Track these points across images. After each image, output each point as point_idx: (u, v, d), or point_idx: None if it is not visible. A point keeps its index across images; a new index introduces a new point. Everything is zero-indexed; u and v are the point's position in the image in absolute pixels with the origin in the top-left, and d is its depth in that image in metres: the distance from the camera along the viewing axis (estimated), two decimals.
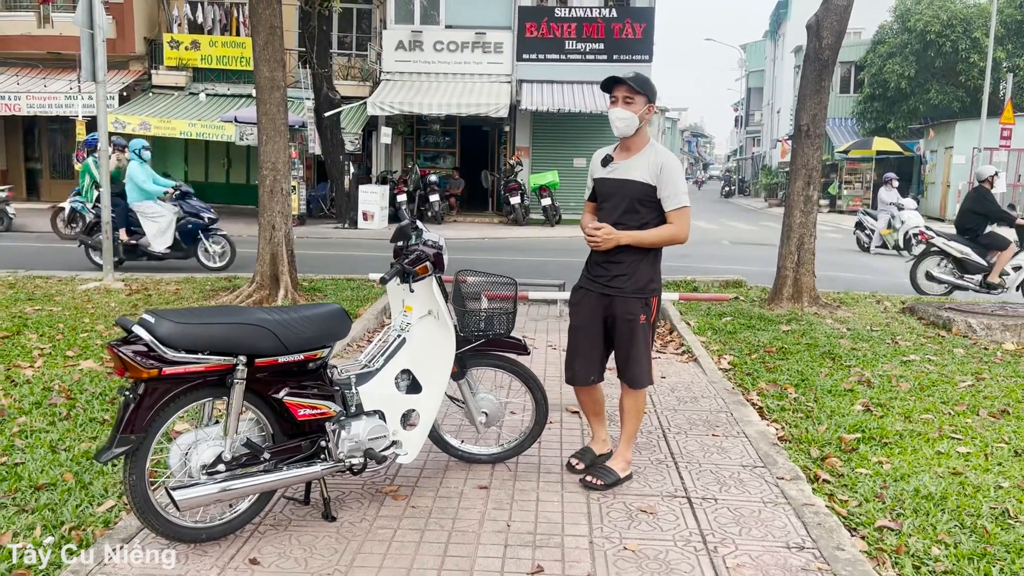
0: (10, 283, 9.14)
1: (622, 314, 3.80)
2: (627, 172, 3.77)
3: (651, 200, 3.75)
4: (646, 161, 3.76)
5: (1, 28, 21.76)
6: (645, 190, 3.73)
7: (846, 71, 34.37)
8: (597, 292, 3.86)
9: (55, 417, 4.67)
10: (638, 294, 3.80)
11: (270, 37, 8.12)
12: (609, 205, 3.82)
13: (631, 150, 3.82)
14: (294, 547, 3.20)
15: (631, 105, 3.72)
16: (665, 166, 3.73)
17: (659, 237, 3.75)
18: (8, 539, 3.23)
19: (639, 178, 3.74)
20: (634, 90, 3.70)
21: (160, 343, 2.91)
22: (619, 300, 3.80)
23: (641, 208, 3.75)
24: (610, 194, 3.82)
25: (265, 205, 8.33)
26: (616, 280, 3.79)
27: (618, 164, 3.82)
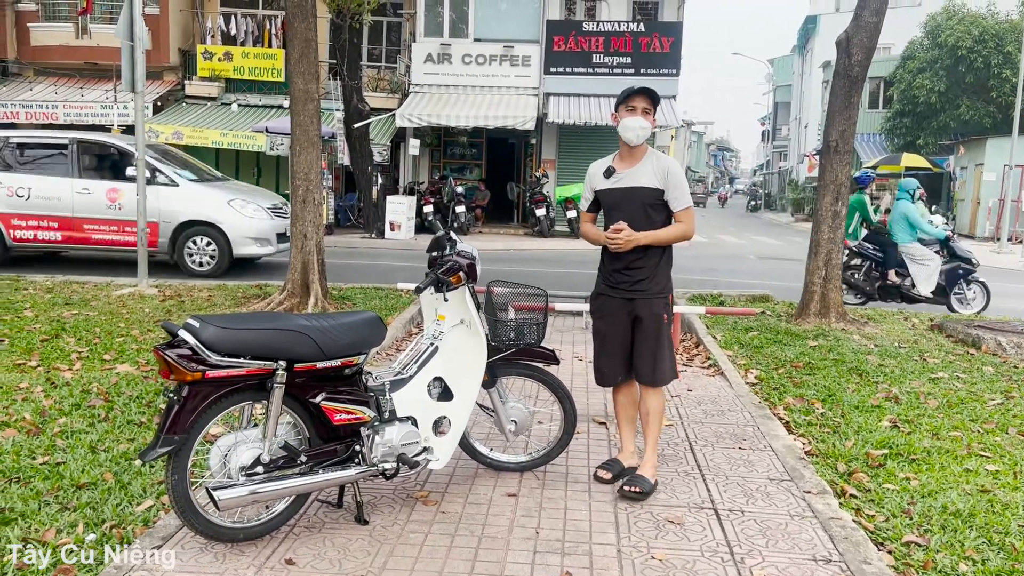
0: (48, 287, 9.34)
1: (648, 315, 3.97)
2: (635, 180, 3.95)
3: (660, 203, 3.95)
4: (651, 167, 3.95)
5: (40, 39, 22.24)
6: (655, 194, 3.93)
7: (875, 87, 34.18)
8: (620, 297, 4.01)
9: (94, 419, 4.79)
10: (661, 294, 4.00)
11: (305, 50, 8.27)
12: (618, 213, 3.97)
13: (634, 159, 4.01)
14: (328, 549, 3.27)
15: (649, 116, 3.94)
16: (671, 170, 3.95)
17: (673, 235, 3.95)
18: (52, 535, 3.33)
19: (648, 184, 3.93)
20: (654, 103, 3.95)
21: (204, 347, 3.01)
22: (643, 302, 3.97)
23: (651, 212, 3.94)
24: (618, 203, 3.98)
25: (297, 214, 8.46)
26: (640, 284, 3.96)
27: (622, 173, 4.00)
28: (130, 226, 10.78)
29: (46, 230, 11.24)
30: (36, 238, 11.29)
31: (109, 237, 11.27)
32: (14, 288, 9.22)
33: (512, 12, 22.16)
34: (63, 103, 21.13)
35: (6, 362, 6.03)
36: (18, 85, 22.23)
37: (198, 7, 23.03)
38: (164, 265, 11.65)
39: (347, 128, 19.39)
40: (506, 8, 22.18)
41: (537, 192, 20.69)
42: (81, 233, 11.29)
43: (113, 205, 11.15)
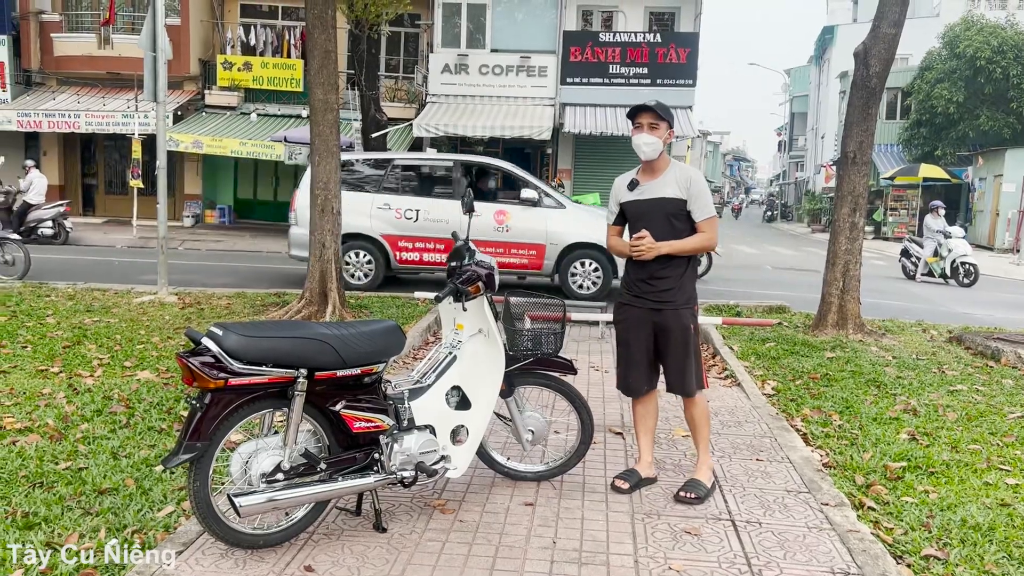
0: (70, 295, 9.45)
1: (676, 326, 4.01)
2: (658, 191, 4.02)
3: (683, 213, 4.00)
4: (674, 178, 4.02)
5: (64, 49, 22.54)
6: (678, 204, 3.98)
7: (892, 97, 34.01)
8: (645, 308, 4.04)
9: (116, 425, 4.85)
10: (687, 304, 4.04)
11: (324, 61, 8.35)
12: (643, 224, 4.02)
13: (656, 171, 4.07)
14: (347, 556, 3.30)
15: (656, 131, 3.99)
16: (693, 180, 4.01)
17: (695, 245, 4.01)
18: (75, 540, 3.37)
19: (671, 194, 3.99)
20: (659, 117, 3.98)
21: (227, 355, 3.04)
22: (671, 313, 4.00)
23: (675, 222, 3.99)
24: (643, 214, 4.04)
25: (316, 223, 8.53)
26: (665, 294, 4.00)
27: (646, 186, 4.06)
28: (516, 248, 11.02)
29: (432, 251, 11.14)
30: (421, 260, 11.20)
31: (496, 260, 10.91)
32: (36, 295, 9.33)
33: (529, 23, 22.27)
34: (85, 112, 21.40)
35: (29, 368, 6.11)
36: (41, 94, 22.53)
37: (218, 18, 23.29)
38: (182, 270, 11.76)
39: (365, 138, 19.51)
40: (523, 19, 22.30)
41: None
42: None
43: (500, 227, 11.09)
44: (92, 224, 21.64)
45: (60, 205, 17.50)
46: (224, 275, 12.74)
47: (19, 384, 5.66)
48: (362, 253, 11.20)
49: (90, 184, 24.58)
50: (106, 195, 24.49)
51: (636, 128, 4.03)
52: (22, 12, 22.45)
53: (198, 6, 22.63)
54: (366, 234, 11.14)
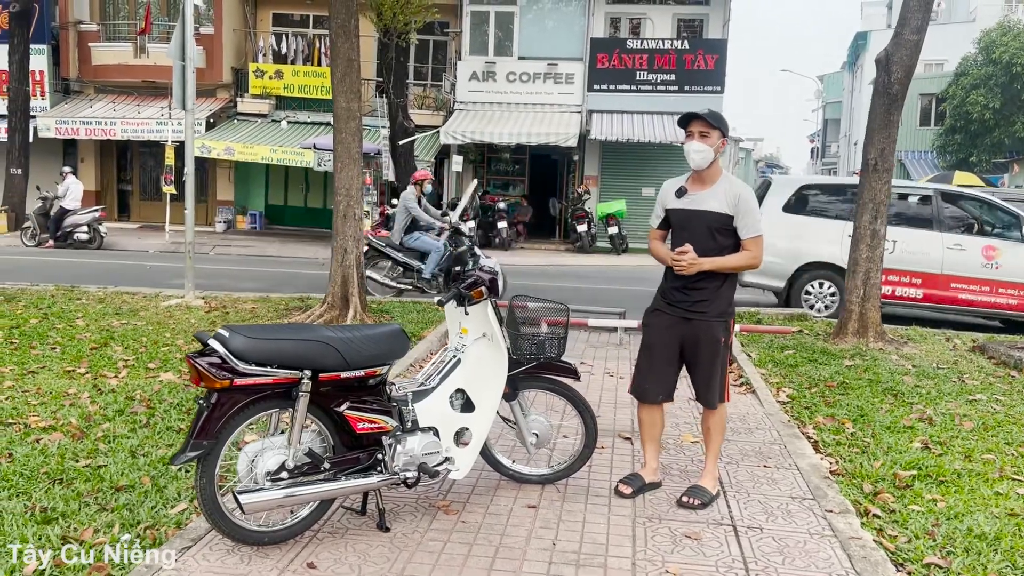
0: (100, 298, 9.68)
1: (706, 338, 3.98)
2: (704, 203, 3.95)
3: (727, 229, 3.93)
4: (723, 192, 3.94)
5: (101, 58, 23.06)
6: (722, 219, 3.92)
7: (927, 103, 33.58)
8: (678, 316, 4.02)
9: (136, 424, 4.98)
10: (720, 318, 3.99)
11: (348, 69, 8.49)
12: (685, 234, 3.99)
13: (706, 182, 4.00)
14: (349, 554, 3.37)
15: (707, 139, 3.91)
16: (742, 197, 3.92)
17: (738, 263, 3.95)
18: (89, 535, 3.48)
19: (716, 208, 3.92)
20: (710, 125, 3.90)
21: (233, 356, 3.14)
22: (702, 324, 3.98)
23: (718, 236, 3.94)
24: (687, 223, 4.00)
25: (338, 229, 8.66)
26: (698, 305, 3.97)
27: (693, 195, 4.00)
28: (1008, 287, 10.14)
29: (907, 286, 10.37)
30: (893, 294, 10.31)
31: (979, 298, 10.24)
32: (68, 298, 9.58)
33: (556, 30, 22.36)
34: (121, 119, 21.86)
35: (57, 369, 6.29)
36: (79, 102, 23.06)
37: (251, 27, 23.68)
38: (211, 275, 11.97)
39: (392, 145, 19.72)
40: (550, 26, 22.40)
41: (579, 208, 20.78)
42: (946, 292, 10.28)
43: (989, 264, 10.17)
44: (127, 229, 22.09)
45: (95, 210, 17.91)
46: (252, 280, 12.95)
47: (46, 384, 5.83)
48: (826, 284, 10.49)
49: (125, 190, 25.08)
50: (141, 201, 24.97)
51: (688, 136, 3.97)
52: (61, 22, 23.02)
53: (231, 15, 23.04)
54: (833, 263, 10.25)
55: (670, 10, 22.62)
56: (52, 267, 13.82)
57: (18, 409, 5.20)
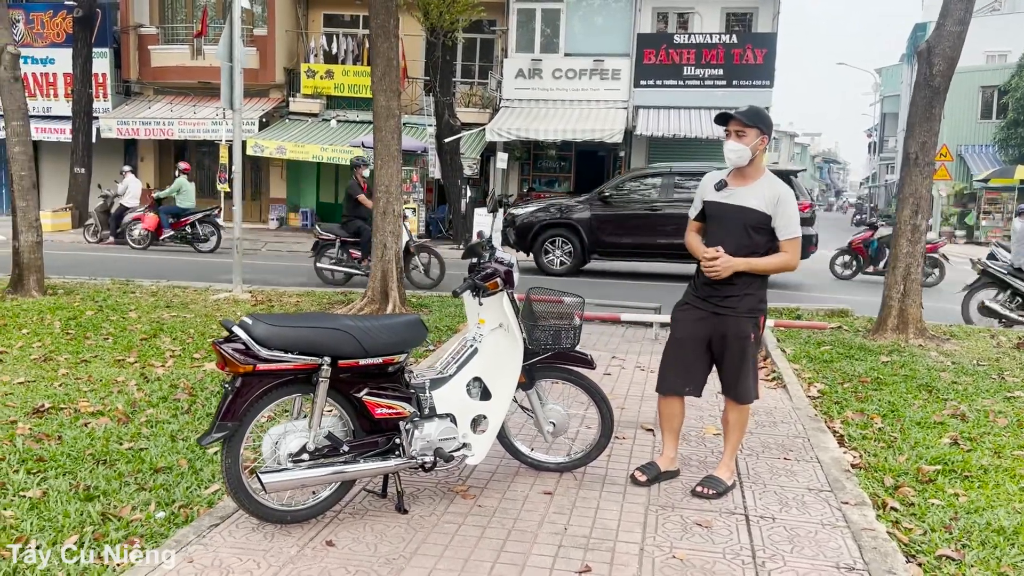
0: (152, 291, 10.06)
1: (735, 334, 3.98)
2: (743, 199, 3.93)
3: (764, 228, 3.92)
4: (762, 191, 3.92)
5: (160, 60, 23.79)
6: (760, 218, 3.90)
7: (988, 95, 32.64)
8: (708, 311, 4.01)
9: (177, 410, 5.22)
10: (750, 314, 3.99)
11: (387, 69, 8.68)
12: (721, 229, 3.97)
13: (747, 178, 3.97)
14: (367, 534, 3.52)
15: (743, 138, 3.88)
16: (782, 198, 3.89)
17: (773, 265, 3.94)
18: (127, 511, 3.69)
19: (755, 206, 3.90)
20: (745, 124, 3.87)
21: (256, 342, 3.31)
22: (732, 320, 3.97)
23: (754, 234, 3.92)
24: (723, 218, 3.98)
25: (378, 225, 8.87)
26: (728, 300, 3.96)
27: (733, 190, 3.97)
28: None
29: None
30: None
31: None
32: (123, 292, 9.97)
33: (603, 27, 22.35)
34: (178, 120, 22.53)
35: (108, 358, 6.59)
36: (139, 104, 23.82)
37: (302, 28, 24.15)
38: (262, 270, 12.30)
39: (439, 142, 19.95)
40: (597, 23, 22.40)
41: None
42: None
43: None
44: None
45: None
46: (300, 275, 13.26)
47: (97, 372, 6.13)
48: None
49: None
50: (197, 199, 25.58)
51: (726, 135, 3.96)
52: (123, 26, 23.79)
53: (284, 17, 23.53)
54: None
55: (718, 4, 22.42)
56: (111, 262, 14.36)
57: (70, 395, 5.48)
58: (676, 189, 13.91)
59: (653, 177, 14.65)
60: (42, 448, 4.42)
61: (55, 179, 24.27)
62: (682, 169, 14.36)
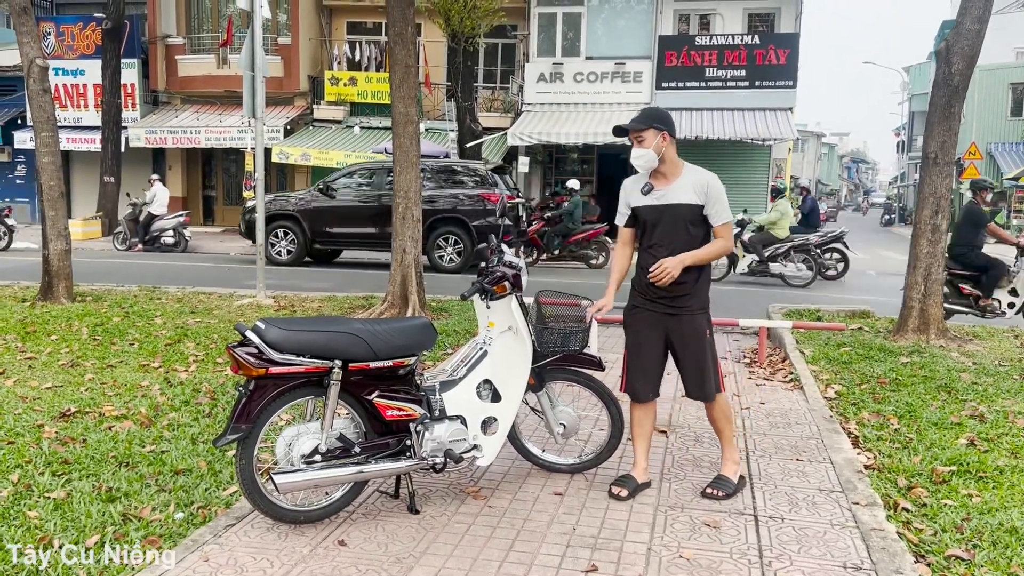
0: (178, 297, 10.24)
1: (692, 331, 4.02)
2: (674, 197, 3.97)
3: (700, 219, 3.97)
4: (690, 183, 3.97)
5: (187, 69, 24.16)
6: (695, 210, 3.95)
7: (1019, 92, 32.16)
8: (660, 312, 4.03)
9: (199, 414, 5.33)
10: (702, 310, 4.05)
11: (405, 75, 8.78)
12: (660, 230, 3.99)
13: (669, 176, 4.01)
14: (378, 533, 3.59)
15: (643, 143, 3.94)
16: (711, 185, 3.96)
17: (715, 252, 4.00)
18: (148, 512, 3.80)
19: (688, 200, 3.94)
20: (639, 129, 3.93)
21: (269, 346, 3.39)
22: (687, 318, 4.01)
23: (692, 228, 3.97)
24: (658, 219, 4.00)
25: (397, 230, 8.96)
26: (680, 300, 3.99)
27: (661, 191, 4.00)
28: None
29: None
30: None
31: None
32: (149, 298, 10.16)
33: (624, 30, 22.36)
34: (204, 128, 22.85)
35: (133, 363, 6.74)
36: (166, 113, 24.20)
37: (326, 36, 24.41)
38: (286, 275, 12.45)
39: (460, 147, 20.06)
40: (618, 26, 22.40)
41: None
42: None
43: None
44: (211, 233, 23.06)
45: (180, 215, 18.79)
46: (324, 280, 13.42)
47: (122, 377, 6.27)
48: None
49: (210, 196, 26.16)
50: (224, 206, 25.99)
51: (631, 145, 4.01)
52: (150, 37, 24.20)
53: (307, 25, 23.80)
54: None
55: (740, 5, 22.34)
56: (139, 269, 14.62)
57: (95, 399, 5.62)
58: (389, 182, 14.63)
59: (368, 171, 16.12)
60: (67, 451, 4.54)
61: (85, 188, 24.72)
62: None
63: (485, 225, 14.76)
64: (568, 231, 16.82)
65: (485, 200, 15.06)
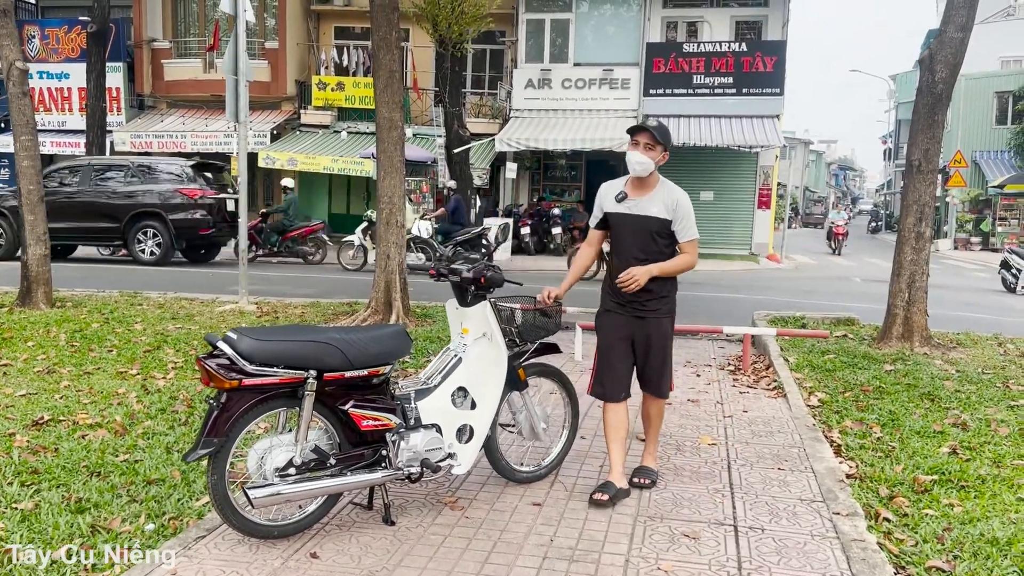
0: (159, 303, 10.14)
1: (658, 334, 4.22)
2: (645, 209, 4.13)
3: (667, 232, 4.15)
4: (661, 198, 4.14)
5: (173, 73, 24.05)
6: (663, 224, 4.12)
7: (1004, 101, 32.39)
8: (630, 315, 4.20)
9: (175, 422, 5.25)
10: (668, 315, 4.24)
11: (389, 80, 8.73)
12: (628, 237, 4.17)
13: (645, 188, 4.18)
14: (352, 546, 3.53)
15: (651, 152, 4.08)
16: (680, 202, 4.13)
17: (678, 266, 4.18)
18: (117, 524, 3.72)
19: (657, 214, 4.11)
20: (656, 140, 4.07)
21: (241, 357, 3.32)
22: (654, 321, 4.20)
23: (658, 239, 4.14)
24: (627, 227, 4.17)
25: (381, 236, 8.90)
26: (650, 304, 4.17)
27: (634, 200, 4.17)
28: None
29: None
30: None
31: None
32: (130, 303, 10.05)
33: (612, 36, 22.39)
34: (190, 133, 22.74)
35: (111, 370, 6.64)
36: (152, 117, 24.07)
37: (314, 40, 24.34)
38: (271, 281, 12.35)
39: (448, 153, 20.01)
40: (606, 32, 22.43)
41: None
42: None
43: None
44: None
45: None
46: (309, 286, 13.33)
47: (99, 384, 6.18)
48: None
49: None
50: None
51: (632, 145, 4.12)
52: (136, 41, 24.08)
53: (295, 30, 23.73)
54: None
55: (727, 12, 22.41)
56: (123, 274, 14.47)
57: (70, 407, 5.53)
58: (95, 179, 16.31)
59: (74, 168, 16.75)
60: (38, 460, 4.46)
61: None
62: (100, 163, 17.04)
63: (183, 219, 15.90)
64: (284, 228, 17.60)
65: (184, 195, 15.96)
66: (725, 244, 22.31)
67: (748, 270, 19.65)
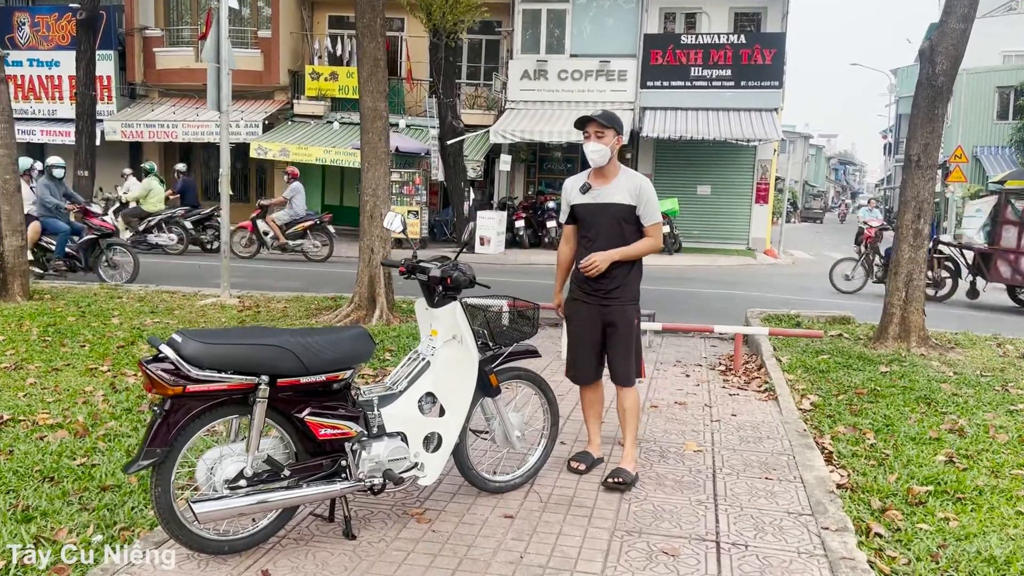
0: (140, 296, 9.91)
1: (622, 320, 4.30)
2: (609, 196, 4.24)
3: (632, 217, 4.25)
4: (624, 185, 4.24)
5: (164, 62, 23.72)
6: (627, 210, 4.22)
7: (1005, 96, 32.11)
8: (595, 304, 4.31)
9: (139, 423, 5.03)
10: (632, 301, 4.34)
11: (374, 69, 8.48)
12: (595, 227, 4.27)
13: (607, 176, 4.28)
14: (308, 562, 3.31)
15: (602, 139, 4.19)
16: (643, 187, 4.24)
17: (642, 249, 4.27)
18: (64, 534, 3.50)
19: (620, 200, 4.22)
20: (603, 126, 4.17)
21: (186, 362, 3.09)
22: (618, 309, 4.29)
23: (624, 225, 4.24)
24: (594, 217, 4.28)
25: (365, 229, 8.67)
26: (614, 292, 4.28)
27: (598, 190, 4.27)
28: None
29: None
30: None
31: None
32: (110, 296, 9.83)
33: (609, 27, 22.09)
34: (182, 122, 22.45)
35: (81, 367, 6.42)
36: (143, 106, 23.77)
37: (307, 29, 24.03)
38: (258, 274, 12.11)
39: (442, 144, 19.75)
40: (603, 23, 22.13)
41: None
42: None
43: None
44: None
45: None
46: (296, 279, 13.11)
47: (66, 382, 5.95)
48: None
49: None
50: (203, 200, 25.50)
51: (585, 137, 4.22)
52: (127, 28, 23.74)
53: (288, 19, 23.40)
54: None
55: (726, 4, 22.11)
56: None
57: (32, 406, 5.31)
58: None
59: None
60: None
61: None
62: None
63: None
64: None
65: None
66: (721, 239, 22.08)
67: (744, 265, 19.41)
